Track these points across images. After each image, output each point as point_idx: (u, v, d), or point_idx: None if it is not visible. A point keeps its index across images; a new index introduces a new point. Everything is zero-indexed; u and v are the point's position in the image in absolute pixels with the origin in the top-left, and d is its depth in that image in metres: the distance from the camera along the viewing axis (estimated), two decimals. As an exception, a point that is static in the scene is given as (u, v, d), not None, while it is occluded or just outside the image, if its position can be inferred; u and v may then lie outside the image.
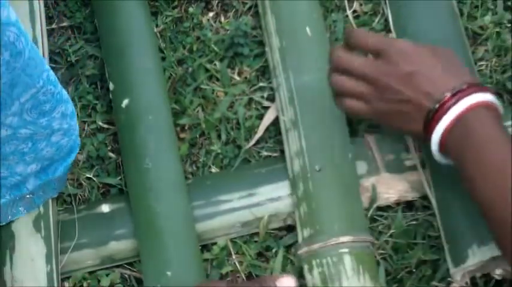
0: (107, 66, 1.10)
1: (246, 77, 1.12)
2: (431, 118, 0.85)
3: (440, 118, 0.85)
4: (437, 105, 0.84)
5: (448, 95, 0.84)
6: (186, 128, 1.10)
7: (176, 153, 1.05)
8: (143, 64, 1.08)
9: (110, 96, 1.09)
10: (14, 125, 0.90)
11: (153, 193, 1.01)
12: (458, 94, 0.84)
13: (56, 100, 0.92)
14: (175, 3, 1.16)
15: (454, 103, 0.84)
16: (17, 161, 0.95)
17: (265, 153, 1.08)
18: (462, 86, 0.85)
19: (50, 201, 1.02)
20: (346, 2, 1.15)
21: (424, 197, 1.04)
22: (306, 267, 0.99)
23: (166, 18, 1.15)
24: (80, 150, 1.05)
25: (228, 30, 1.14)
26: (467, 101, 0.84)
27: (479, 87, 0.86)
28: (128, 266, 1.03)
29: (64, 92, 0.93)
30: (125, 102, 1.06)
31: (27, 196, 1.00)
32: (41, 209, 1.01)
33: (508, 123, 1.05)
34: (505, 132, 0.84)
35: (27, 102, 0.88)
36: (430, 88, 0.85)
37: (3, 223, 1.00)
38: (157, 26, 1.14)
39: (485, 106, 0.85)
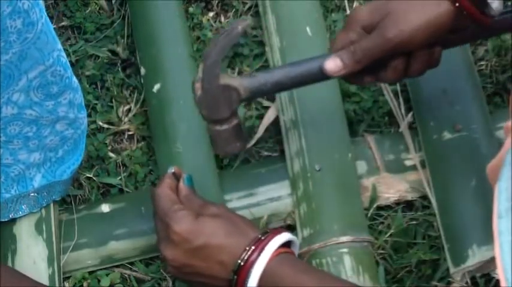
0: (139, 51, 1.11)
1: (246, 77, 1.12)
2: (236, 286, 0.86)
3: (244, 282, 0.85)
4: (235, 276, 0.86)
5: (241, 262, 0.85)
6: (186, 128, 1.10)
7: (207, 136, 1.05)
8: (174, 50, 1.09)
9: (141, 81, 1.10)
10: (20, 104, 0.90)
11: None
12: (251, 256, 0.85)
13: (65, 85, 0.92)
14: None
15: (252, 264, 0.85)
16: (20, 146, 0.95)
17: (265, 153, 1.08)
18: (251, 245, 0.86)
19: (52, 204, 1.02)
20: (346, 2, 1.15)
21: (424, 197, 1.04)
22: (306, 267, 0.99)
23: (166, 18, 1.15)
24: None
25: (228, 30, 1.14)
26: (262, 260, 0.85)
27: (267, 239, 0.86)
28: (128, 266, 1.03)
29: (74, 79, 0.94)
30: (156, 87, 1.07)
31: (32, 194, 1.00)
32: (43, 211, 1.01)
33: (508, 123, 1.05)
34: (305, 268, 0.86)
35: (35, 79, 0.88)
36: (222, 257, 0.86)
37: (5, 220, 1.00)
38: (157, 26, 1.14)
39: (280, 254, 0.86)
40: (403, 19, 0.83)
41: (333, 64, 0.86)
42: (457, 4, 0.82)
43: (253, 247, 0.86)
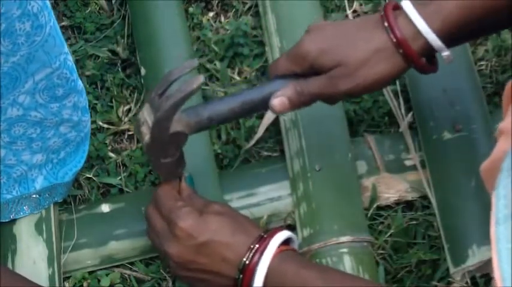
0: (139, 51, 1.11)
1: (246, 77, 1.12)
2: (242, 284, 0.87)
3: (250, 281, 0.86)
4: (241, 276, 0.86)
5: (246, 261, 0.86)
6: (186, 128, 1.10)
7: (207, 136, 1.05)
8: (174, 50, 1.09)
9: (141, 81, 1.10)
10: (25, 105, 0.90)
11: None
12: (255, 255, 0.86)
13: (70, 87, 0.92)
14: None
15: (257, 263, 0.86)
16: (24, 147, 0.95)
17: (265, 153, 1.08)
18: (255, 244, 0.87)
19: (52, 204, 1.02)
20: (346, 2, 1.15)
21: (424, 197, 1.04)
22: (306, 267, 0.99)
23: (166, 18, 1.15)
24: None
25: (228, 30, 1.14)
26: (265, 259, 0.86)
27: (268, 237, 0.87)
28: (128, 266, 1.03)
29: (80, 83, 0.94)
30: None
31: (33, 196, 1.00)
32: (43, 211, 1.01)
33: (502, 125, 1.05)
34: (307, 265, 0.87)
35: (41, 82, 0.88)
36: (226, 254, 0.87)
37: (6, 220, 1.00)
38: (157, 26, 1.14)
39: (282, 251, 0.87)
40: (356, 74, 0.85)
41: (279, 103, 0.88)
42: (410, 63, 0.85)
43: (257, 245, 0.86)
